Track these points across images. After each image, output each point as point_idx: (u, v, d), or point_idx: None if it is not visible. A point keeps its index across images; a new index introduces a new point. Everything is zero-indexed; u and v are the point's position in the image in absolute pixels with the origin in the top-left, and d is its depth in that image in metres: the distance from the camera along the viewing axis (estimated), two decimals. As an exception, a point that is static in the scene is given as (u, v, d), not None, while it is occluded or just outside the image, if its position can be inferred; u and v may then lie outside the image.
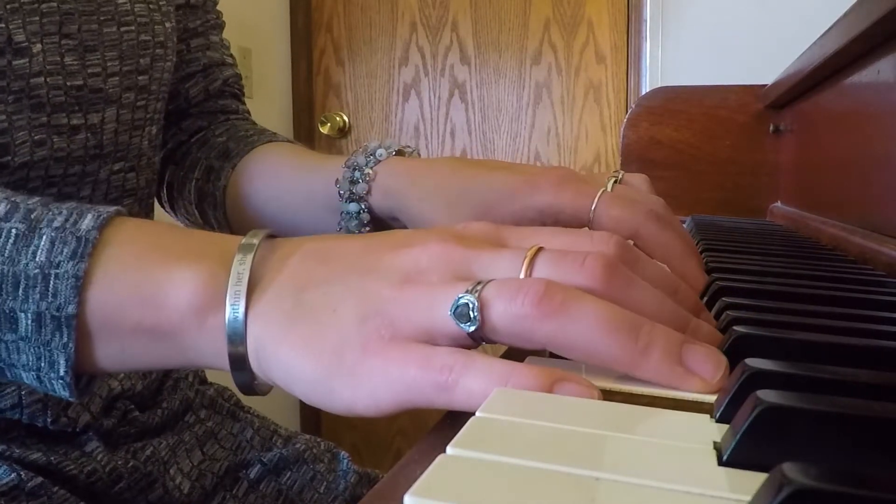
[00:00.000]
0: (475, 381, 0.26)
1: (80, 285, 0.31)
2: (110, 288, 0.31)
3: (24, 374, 0.33)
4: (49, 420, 0.49)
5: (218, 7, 0.69)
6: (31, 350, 0.32)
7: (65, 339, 0.31)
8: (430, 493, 0.18)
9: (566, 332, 0.27)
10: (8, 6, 0.44)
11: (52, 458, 0.49)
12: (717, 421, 0.24)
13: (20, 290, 0.31)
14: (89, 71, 0.49)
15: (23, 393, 0.48)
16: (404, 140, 2.05)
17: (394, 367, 0.27)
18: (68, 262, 0.31)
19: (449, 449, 0.21)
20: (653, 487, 0.19)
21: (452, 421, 0.26)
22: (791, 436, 0.20)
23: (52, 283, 0.31)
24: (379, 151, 0.54)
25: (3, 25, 0.44)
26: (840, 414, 0.20)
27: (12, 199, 0.34)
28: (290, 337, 0.29)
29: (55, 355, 0.31)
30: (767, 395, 0.21)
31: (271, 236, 0.34)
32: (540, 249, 0.30)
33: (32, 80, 0.46)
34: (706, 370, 0.27)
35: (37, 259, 0.31)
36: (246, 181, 0.60)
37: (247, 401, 0.68)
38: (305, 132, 2.07)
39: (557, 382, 0.26)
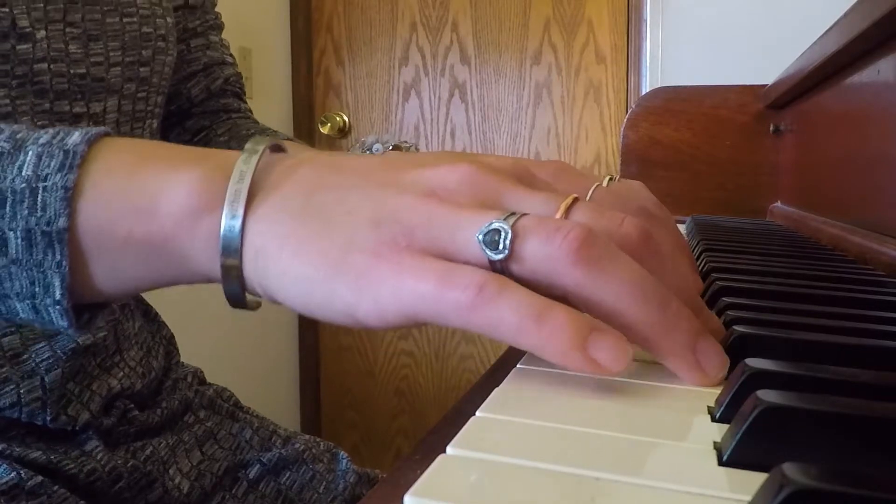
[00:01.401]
0: (507, 310, 0.25)
1: (70, 197, 0.29)
2: (101, 199, 0.29)
3: (18, 306, 0.31)
4: (48, 418, 0.49)
5: (218, 7, 0.69)
6: (24, 274, 0.30)
7: (58, 258, 0.29)
8: (430, 493, 0.18)
9: (597, 287, 0.26)
10: None
11: (53, 457, 0.49)
12: (717, 421, 0.24)
13: (7, 207, 0.29)
14: (92, 60, 0.49)
15: (22, 391, 0.48)
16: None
17: (408, 277, 0.26)
18: (56, 174, 0.29)
19: (449, 449, 0.21)
20: (653, 487, 0.19)
21: (452, 421, 0.26)
22: (791, 436, 0.20)
23: (40, 196, 0.29)
24: (375, 146, 0.54)
25: (6, 10, 0.44)
26: (840, 414, 0.20)
27: None
28: (295, 235, 0.28)
29: (49, 276, 0.30)
30: (767, 395, 0.21)
31: (279, 148, 0.32)
32: (576, 198, 0.29)
33: (36, 66, 0.46)
34: (712, 366, 0.27)
35: (23, 174, 0.29)
36: None
37: (246, 401, 0.68)
38: (305, 132, 2.07)
39: (595, 332, 0.25)
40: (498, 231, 0.26)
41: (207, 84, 0.66)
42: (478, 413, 0.24)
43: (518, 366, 0.29)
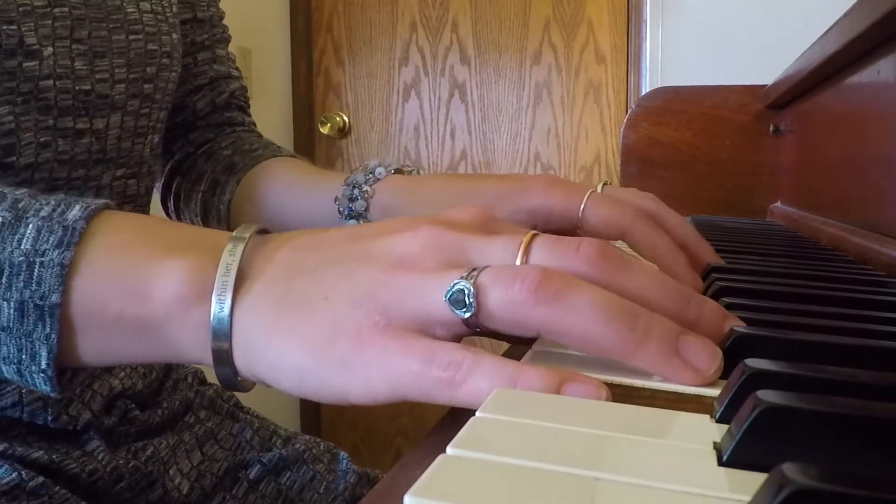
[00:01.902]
0: (483, 380, 0.26)
1: (66, 274, 0.30)
2: (95, 278, 0.30)
3: (3, 368, 0.32)
4: (50, 418, 0.49)
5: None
6: (13, 341, 0.31)
7: (47, 330, 0.30)
8: (430, 493, 0.18)
9: (562, 320, 0.27)
10: (21, 9, 0.45)
11: (54, 457, 0.49)
12: (717, 421, 0.24)
13: (3, 278, 0.30)
14: (97, 76, 0.49)
15: (23, 391, 0.48)
16: (404, 140, 2.05)
17: (394, 358, 0.27)
18: (54, 250, 0.30)
19: (449, 449, 0.21)
20: (653, 487, 0.19)
21: (452, 421, 0.26)
22: (791, 436, 0.20)
23: (36, 271, 0.30)
24: (378, 170, 0.55)
25: (15, 27, 0.44)
26: (840, 414, 0.20)
27: (0, 189, 0.33)
28: (280, 326, 0.29)
29: (37, 346, 0.31)
30: (767, 395, 0.21)
31: (263, 231, 0.33)
32: (535, 235, 0.30)
33: (41, 83, 0.46)
34: (701, 362, 0.27)
35: (22, 247, 0.30)
36: (250, 196, 0.61)
37: (246, 401, 0.68)
38: (305, 132, 2.07)
39: (566, 383, 0.26)
40: (462, 290, 0.27)
41: (213, 98, 0.67)
42: (478, 413, 0.24)
43: (518, 366, 0.29)
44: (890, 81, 0.57)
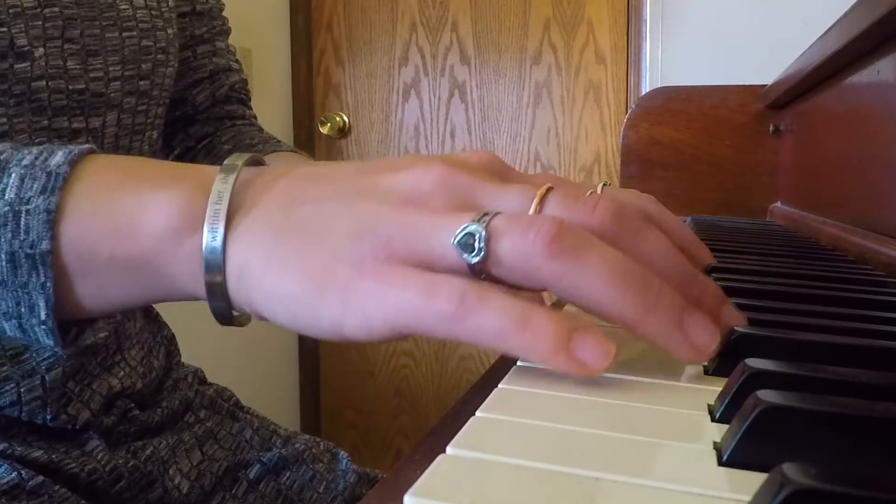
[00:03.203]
0: (489, 317, 0.25)
1: (52, 220, 0.29)
2: (83, 221, 0.30)
3: (5, 325, 0.31)
4: (49, 417, 0.49)
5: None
6: (10, 295, 0.30)
7: (42, 279, 0.30)
8: (430, 493, 0.18)
9: (574, 277, 0.26)
10: (10, 10, 0.44)
11: (54, 457, 0.49)
12: (717, 421, 0.24)
13: None
14: (91, 75, 0.49)
15: (22, 390, 0.48)
16: (404, 140, 2.05)
17: (391, 291, 0.26)
18: (39, 196, 0.29)
19: (449, 449, 0.21)
20: (653, 487, 0.19)
21: (452, 421, 0.26)
22: (791, 436, 0.20)
23: (23, 219, 0.29)
24: None
25: (4, 30, 0.44)
26: (840, 414, 0.20)
27: None
28: (277, 254, 0.28)
29: (34, 297, 0.30)
30: (767, 395, 0.21)
31: (257, 162, 0.32)
32: (550, 189, 0.29)
33: (34, 84, 0.46)
34: (702, 340, 0.27)
35: (6, 197, 0.30)
36: None
37: (246, 401, 0.68)
38: (305, 132, 2.07)
39: (576, 332, 0.25)
40: (472, 234, 0.26)
41: (213, 91, 0.66)
42: (478, 413, 0.24)
43: (518, 364, 0.29)
44: (890, 81, 0.57)
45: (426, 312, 0.26)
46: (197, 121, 0.67)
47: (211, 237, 0.28)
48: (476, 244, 0.26)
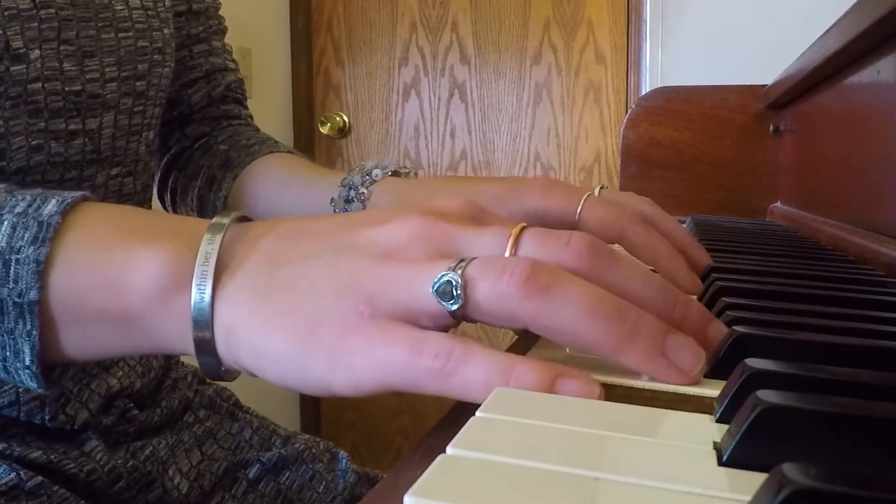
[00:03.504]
0: (475, 371, 0.26)
1: (42, 270, 0.29)
2: (73, 272, 0.30)
3: None
4: (47, 417, 0.49)
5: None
6: None
7: (28, 327, 0.30)
8: (430, 493, 0.18)
9: (551, 314, 0.26)
10: (6, 12, 0.44)
11: (52, 457, 0.49)
12: (717, 421, 0.24)
13: None
14: (87, 76, 0.49)
15: (20, 390, 0.48)
16: (404, 140, 2.05)
17: (379, 348, 0.27)
18: (29, 246, 0.30)
19: (449, 449, 0.21)
20: (653, 487, 0.19)
21: (452, 421, 0.26)
22: (791, 436, 0.20)
23: (13, 268, 0.30)
24: (375, 172, 0.55)
25: (0, 32, 0.44)
26: (840, 414, 0.20)
27: None
28: (263, 314, 0.28)
29: (19, 344, 0.30)
30: (767, 395, 0.21)
31: (244, 219, 0.33)
32: (525, 228, 0.30)
33: (30, 86, 0.46)
34: (686, 362, 0.27)
35: None
36: (246, 193, 0.61)
37: (246, 400, 0.68)
38: (305, 132, 2.07)
39: (560, 378, 0.26)
40: (449, 282, 0.27)
41: (209, 91, 0.66)
42: (478, 413, 0.23)
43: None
44: (890, 81, 0.57)
45: (413, 369, 0.26)
46: (193, 120, 0.67)
47: (199, 297, 0.29)
48: (454, 291, 0.27)
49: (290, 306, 0.28)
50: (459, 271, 0.27)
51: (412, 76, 2.03)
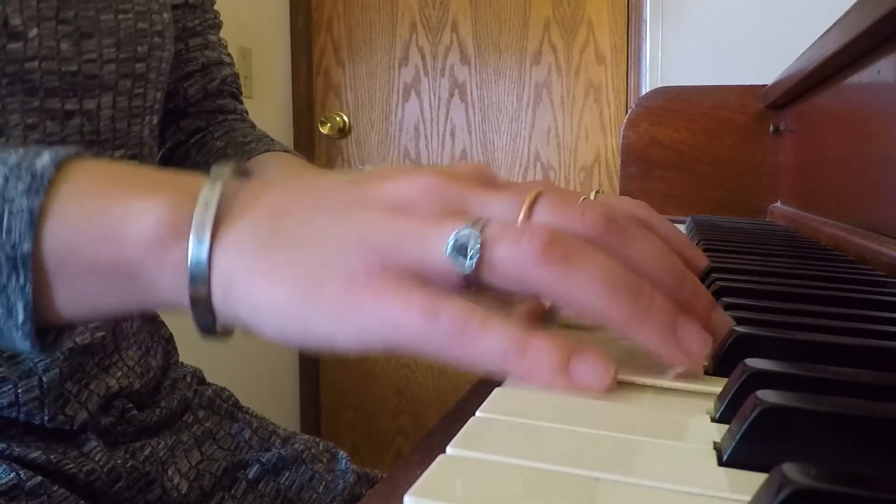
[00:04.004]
0: (493, 340, 0.25)
1: (35, 221, 0.28)
2: (67, 223, 0.29)
3: None
4: (46, 418, 0.49)
5: (217, 7, 0.69)
6: None
7: (21, 281, 0.29)
8: (430, 493, 0.18)
9: (567, 284, 0.26)
10: None
11: (52, 457, 0.49)
12: (717, 421, 0.24)
13: None
14: (84, 57, 0.49)
15: (20, 391, 0.48)
16: (404, 140, 2.05)
17: (392, 308, 0.26)
18: (23, 197, 0.29)
19: (449, 449, 0.21)
20: (653, 487, 0.19)
21: (452, 421, 0.26)
22: (791, 436, 0.20)
23: (5, 220, 0.28)
24: None
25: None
26: (840, 414, 0.20)
27: None
28: (264, 265, 0.27)
29: (12, 300, 0.29)
30: (767, 395, 0.21)
31: (243, 172, 0.32)
32: (539, 194, 0.29)
33: (26, 65, 0.46)
34: (695, 347, 0.27)
35: None
36: None
37: (245, 401, 0.68)
38: (305, 132, 2.07)
39: (575, 353, 0.26)
40: (467, 239, 0.26)
41: (204, 84, 0.66)
42: (478, 413, 0.23)
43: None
44: (890, 81, 0.57)
45: (429, 333, 0.25)
46: (189, 114, 0.67)
47: (197, 247, 0.28)
48: (470, 249, 0.26)
49: (294, 258, 0.27)
50: (478, 229, 0.26)
51: (412, 76, 2.03)
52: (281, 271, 0.27)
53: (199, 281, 0.28)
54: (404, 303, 0.26)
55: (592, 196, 0.52)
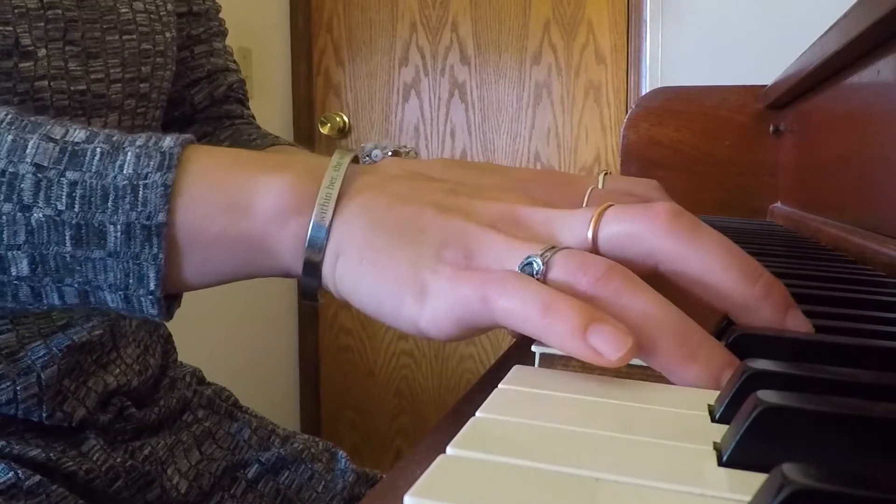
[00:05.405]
0: (517, 300, 0.27)
1: (169, 194, 0.31)
2: (197, 197, 0.32)
3: (108, 297, 0.33)
4: (45, 415, 0.49)
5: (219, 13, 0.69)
6: (120, 266, 0.32)
7: (154, 250, 0.31)
8: (430, 493, 0.18)
9: (614, 313, 0.28)
10: (15, 10, 0.45)
11: (51, 456, 0.49)
12: (717, 421, 0.24)
13: (109, 202, 0.31)
14: (92, 77, 0.50)
15: (18, 388, 0.48)
16: (404, 141, 2.05)
17: (460, 286, 0.29)
18: (156, 172, 0.31)
19: (449, 449, 0.21)
20: (653, 487, 0.19)
21: (452, 421, 0.26)
22: (791, 436, 0.20)
23: (141, 193, 0.31)
24: (375, 152, 0.56)
25: (10, 29, 0.45)
26: (840, 414, 0.20)
27: (90, 129, 0.34)
28: (374, 245, 0.31)
29: (145, 268, 0.31)
30: (767, 396, 0.21)
31: (356, 160, 0.35)
32: (608, 207, 0.31)
33: (37, 84, 0.46)
34: (722, 379, 0.27)
35: (124, 171, 0.31)
36: None
37: (245, 400, 0.68)
38: (305, 133, 2.07)
39: (596, 320, 0.26)
40: (531, 264, 0.29)
41: (211, 91, 0.67)
42: (478, 413, 0.23)
43: (517, 365, 0.29)
44: (890, 81, 0.57)
45: (474, 298, 0.28)
46: (196, 120, 0.67)
47: (320, 218, 0.31)
48: (534, 274, 0.29)
49: (399, 244, 0.30)
50: (545, 258, 0.29)
51: (412, 76, 2.03)
52: (386, 254, 0.30)
53: (316, 249, 0.31)
54: (465, 280, 0.29)
55: (601, 179, 0.52)
